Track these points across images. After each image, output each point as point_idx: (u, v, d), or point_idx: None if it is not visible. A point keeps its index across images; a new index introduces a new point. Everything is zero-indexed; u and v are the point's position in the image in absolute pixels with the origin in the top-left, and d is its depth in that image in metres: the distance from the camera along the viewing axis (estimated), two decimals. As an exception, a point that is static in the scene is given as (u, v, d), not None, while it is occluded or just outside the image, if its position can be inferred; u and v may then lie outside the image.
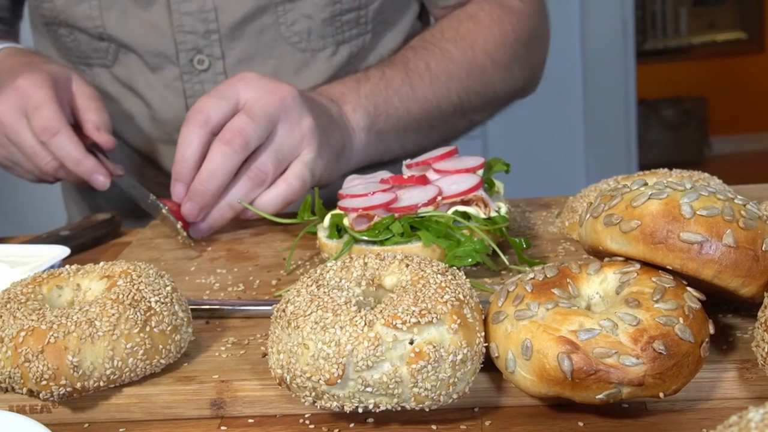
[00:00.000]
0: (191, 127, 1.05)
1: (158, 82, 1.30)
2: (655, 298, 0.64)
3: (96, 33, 1.28)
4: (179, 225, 1.08)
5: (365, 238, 0.92)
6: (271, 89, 1.07)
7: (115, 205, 1.38)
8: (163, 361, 0.73)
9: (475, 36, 1.28)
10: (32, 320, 0.70)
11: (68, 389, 0.69)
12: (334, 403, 0.64)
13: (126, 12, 1.26)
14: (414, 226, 0.91)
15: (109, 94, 1.33)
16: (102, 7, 1.26)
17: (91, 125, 1.17)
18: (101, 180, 1.14)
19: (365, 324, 0.64)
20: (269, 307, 0.83)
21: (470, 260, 0.89)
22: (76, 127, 1.18)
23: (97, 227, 1.17)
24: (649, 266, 0.68)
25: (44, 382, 0.68)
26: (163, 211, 1.09)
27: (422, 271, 0.70)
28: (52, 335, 0.69)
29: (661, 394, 0.62)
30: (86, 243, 1.14)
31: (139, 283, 0.75)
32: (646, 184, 0.72)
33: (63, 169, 1.16)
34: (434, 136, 1.30)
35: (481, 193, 0.94)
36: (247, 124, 1.03)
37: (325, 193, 1.08)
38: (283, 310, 0.68)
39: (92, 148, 1.16)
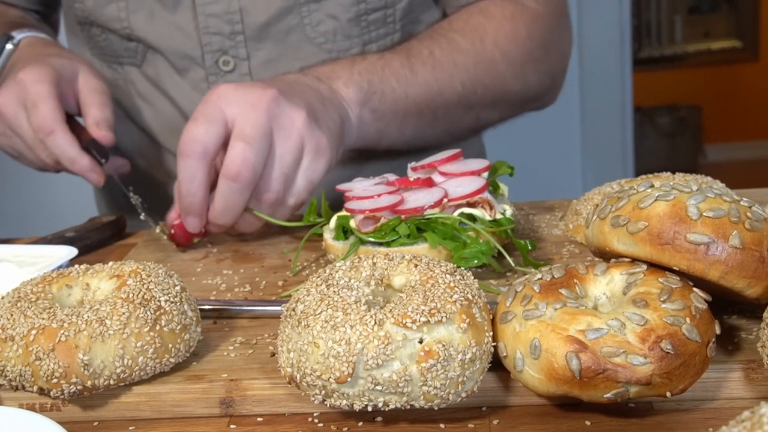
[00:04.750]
0: (190, 161, 1.02)
1: (185, 84, 1.30)
2: (662, 299, 0.65)
3: (124, 34, 1.29)
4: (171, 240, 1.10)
5: (372, 239, 0.92)
6: (254, 102, 1.02)
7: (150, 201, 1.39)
8: (172, 360, 0.73)
9: (485, 28, 1.24)
10: (43, 319, 0.70)
11: (78, 387, 0.69)
12: (344, 402, 0.65)
13: (153, 14, 1.26)
14: (420, 227, 0.92)
15: (141, 92, 1.34)
16: (129, 8, 1.27)
17: (91, 120, 1.18)
18: (95, 178, 1.16)
19: (375, 323, 0.64)
20: (277, 308, 0.84)
21: (476, 262, 0.89)
22: (72, 121, 1.19)
23: (102, 229, 1.17)
24: (656, 267, 0.69)
25: (55, 380, 0.69)
26: (156, 231, 1.14)
27: (431, 271, 0.70)
28: (63, 333, 0.69)
29: (668, 394, 0.63)
30: (91, 244, 1.15)
31: (149, 282, 0.75)
32: (652, 186, 0.72)
33: (61, 165, 1.18)
34: (437, 126, 1.25)
35: (486, 195, 0.95)
36: (247, 151, 0.99)
37: (331, 195, 1.08)
38: (293, 309, 0.69)
39: (90, 145, 1.17)
